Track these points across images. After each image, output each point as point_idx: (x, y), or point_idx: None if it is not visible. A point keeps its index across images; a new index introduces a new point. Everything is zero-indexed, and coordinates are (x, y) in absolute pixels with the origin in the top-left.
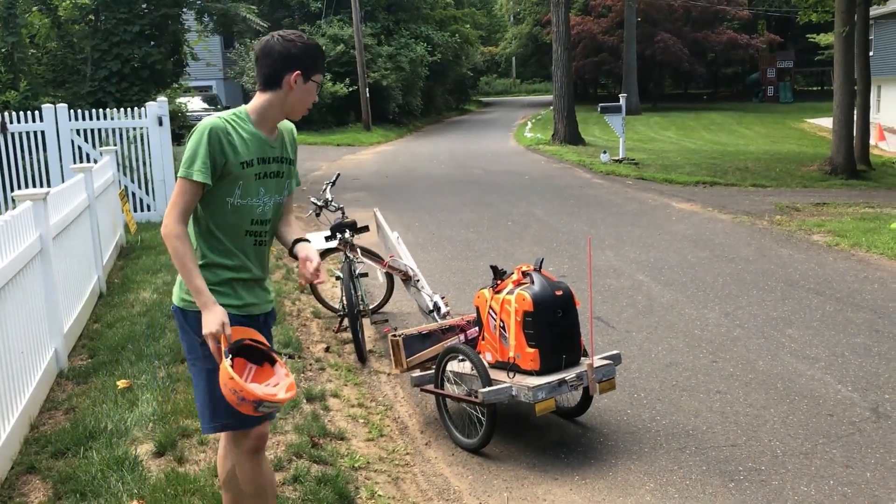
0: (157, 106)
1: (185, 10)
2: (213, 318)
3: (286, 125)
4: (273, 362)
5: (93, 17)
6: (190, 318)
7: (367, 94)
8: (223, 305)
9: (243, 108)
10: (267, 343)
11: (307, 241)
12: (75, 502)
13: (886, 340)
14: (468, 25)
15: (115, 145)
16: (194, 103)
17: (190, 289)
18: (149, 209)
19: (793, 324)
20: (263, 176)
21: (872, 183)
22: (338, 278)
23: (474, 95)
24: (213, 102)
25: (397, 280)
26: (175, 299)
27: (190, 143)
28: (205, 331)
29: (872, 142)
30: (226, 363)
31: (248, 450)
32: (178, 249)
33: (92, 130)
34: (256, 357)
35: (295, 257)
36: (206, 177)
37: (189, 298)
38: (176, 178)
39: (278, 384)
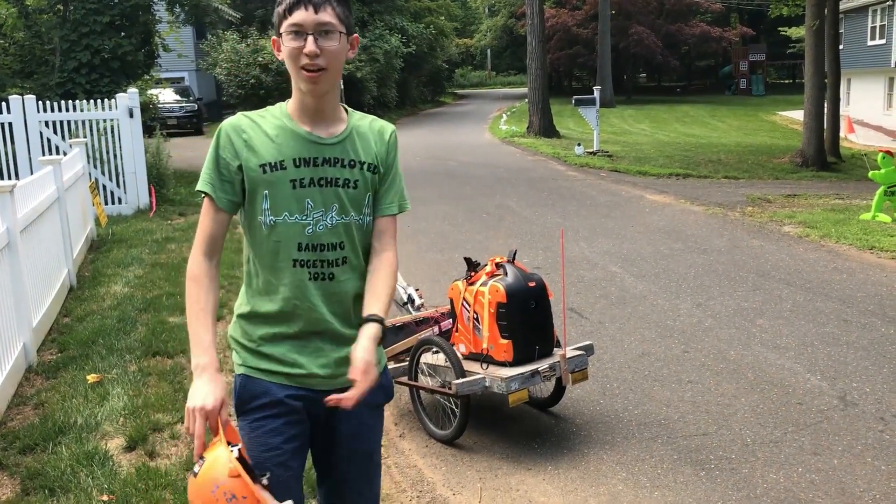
0: (128, 97)
1: (156, 0)
2: (206, 391)
3: (376, 125)
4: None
5: (61, 7)
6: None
7: (342, 86)
8: (266, 371)
9: (284, 103)
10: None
11: (379, 322)
12: (44, 498)
13: (854, 330)
14: (443, 17)
15: (84, 137)
16: (166, 95)
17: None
18: (120, 202)
19: (763, 314)
20: (309, 183)
21: (842, 175)
22: None
23: (449, 88)
24: (186, 94)
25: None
26: (234, 364)
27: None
28: (189, 403)
29: (842, 134)
30: (230, 452)
31: None
32: (187, 291)
33: (61, 122)
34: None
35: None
36: (210, 186)
37: (252, 364)
38: (147, 170)
39: None
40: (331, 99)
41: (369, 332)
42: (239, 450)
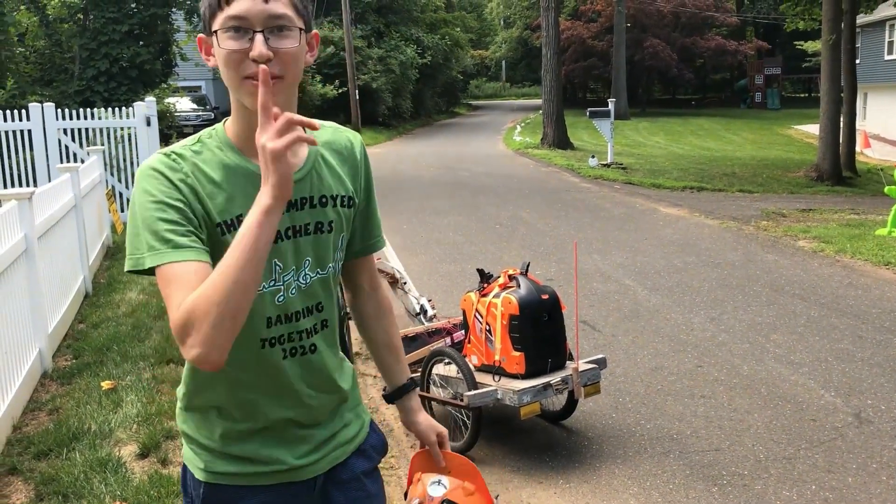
0: (146, 106)
1: (174, 9)
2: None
3: (340, 138)
4: None
5: (81, 16)
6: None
7: (357, 97)
8: (237, 475)
9: (220, 124)
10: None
11: (413, 385)
12: None
13: (869, 346)
14: (458, 29)
15: (102, 145)
16: (183, 103)
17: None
18: None
19: (777, 329)
20: (276, 238)
21: (858, 189)
22: None
23: (464, 98)
24: (202, 103)
25: (384, 282)
26: (186, 459)
27: (132, 206)
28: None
29: (858, 149)
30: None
31: None
32: (197, 298)
33: (79, 130)
34: None
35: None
36: (168, 250)
37: (217, 469)
38: None
39: None
40: None
41: (419, 402)
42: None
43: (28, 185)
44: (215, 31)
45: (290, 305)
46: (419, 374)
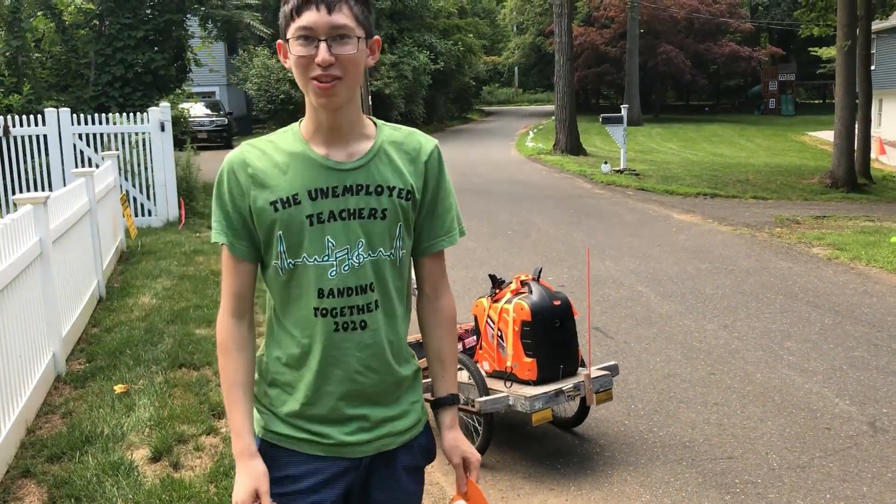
0: (160, 111)
1: (188, 16)
2: (243, 483)
3: (413, 140)
4: None
5: (97, 22)
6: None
7: (370, 102)
8: (291, 438)
9: (298, 122)
10: None
11: (454, 401)
12: None
13: (885, 354)
14: (471, 35)
15: (117, 150)
16: (197, 109)
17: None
18: (150, 214)
19: (791, 336)
20: (329, 218)
21: (873, 196)
22: None
23: (476, 104)
24: (216, 108)
25: None
26: (255, 422)
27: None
28: (235, 498)
29: (873, 155)
30: None
31: None
32: (220, 363)
33: (94, 135)
34: None
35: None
36: (225, 235)
37: (274, 429)
38: (177, 183)
39: None
40: (349, 113)
41: (454, 420)
42: None
43: (43, 190)
44: (288, 39)
45: (343, 281)
46: (430, 379)
